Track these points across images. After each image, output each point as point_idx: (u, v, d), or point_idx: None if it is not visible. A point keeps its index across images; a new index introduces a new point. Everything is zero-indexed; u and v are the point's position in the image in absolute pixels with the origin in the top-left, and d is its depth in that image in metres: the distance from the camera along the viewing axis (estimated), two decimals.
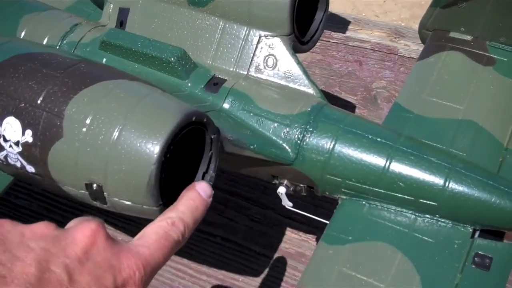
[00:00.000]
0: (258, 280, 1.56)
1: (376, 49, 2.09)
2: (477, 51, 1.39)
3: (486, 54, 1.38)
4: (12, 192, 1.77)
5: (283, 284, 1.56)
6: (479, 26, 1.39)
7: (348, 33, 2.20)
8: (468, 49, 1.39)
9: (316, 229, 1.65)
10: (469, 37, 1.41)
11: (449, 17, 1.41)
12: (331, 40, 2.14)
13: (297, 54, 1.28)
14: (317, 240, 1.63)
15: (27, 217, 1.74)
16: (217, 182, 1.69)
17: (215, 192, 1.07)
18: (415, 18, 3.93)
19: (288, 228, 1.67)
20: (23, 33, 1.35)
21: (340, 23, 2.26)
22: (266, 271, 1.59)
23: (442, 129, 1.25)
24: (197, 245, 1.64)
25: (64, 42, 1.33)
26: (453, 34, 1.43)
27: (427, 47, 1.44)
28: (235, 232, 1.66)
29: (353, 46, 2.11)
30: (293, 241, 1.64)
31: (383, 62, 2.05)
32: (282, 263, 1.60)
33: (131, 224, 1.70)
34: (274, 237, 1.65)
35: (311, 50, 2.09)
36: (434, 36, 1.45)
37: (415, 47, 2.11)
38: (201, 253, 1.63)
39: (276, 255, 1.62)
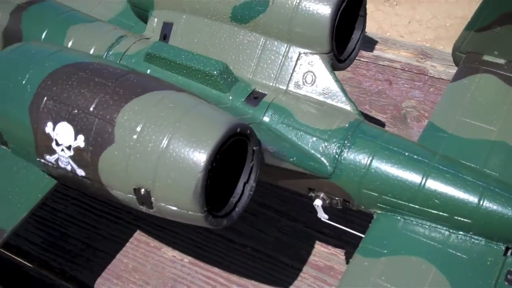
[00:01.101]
0: None
1: (406, 69, 2.13)
2: (510, 75, 1.41)
3: None
4: (49, 196, 1.82)
5: None
6: None
7: (375, 53, 2.24)
8: (501, 72, 1.42)
9: (345, 244, 1.68)
10: (502, 61, 1.44)
11: (483, 40, 1.44)
12: (362, 59, 2.18)
13: None
14: (346, 254, 1.66)
15: (62, 220, 1.79)
16: None
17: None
18: (439, 40, 3.96)
19: (317, 242, 1.70)
20: (70, 43, 1.41)
21: (368, 42, 2.30)
22: (295, 282, 1.62)
23: (475, 149, 1.27)
24: (228, 255, 1.68)
25: (110, 53, 1.39)
26: (486, 58, 1.46)
27: (460, 69, 1.47)
28: (265, 243, 1.70)
29: (383, 65, 2.15)
30: (322, 255, 1.67)
31: (413, 82, 2.08)
32: (311, 275, 1.63)
33: (163, 231, 1.74)
34: (303, 249, 1.68)
35: None
36: (467, 59, 1.48)
37: (441, 68, 2.15)
38: (232, 262, 1.66)
39: (305, 268, 1.64)
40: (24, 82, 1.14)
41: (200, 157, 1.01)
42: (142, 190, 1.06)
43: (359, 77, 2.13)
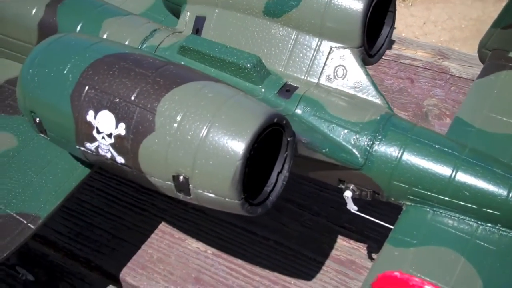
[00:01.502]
0: (310, 284, 1.62)
1: (428, 67, 2.15)
2: None
3: None
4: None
5: None
6: None
7: (395, 51, 2.26)
8: None
9: (366, 238, 1.70)
10: None
11: (509, 38, 1.47)
12: (383, 57, 2.19)
13: None
14: (368, 248, 1.69)
15: (88, 211, 1.82)
16: None
17: None
18: (454, 41, 3.98)
19: (339, 236, 1.73)
20: (105, 36, 1.44)
21: None
22: (317, 275, 1.64)
23: (503, 143, 1.30)
24: (251, 247, 1.71)
25: (145, 46, 1.42)
26: None
27: (486, 65, 1.50)
28: (288, 237, 1.72)
29: (405, 63, 2.18)
30: (344, 249, 1.70)
31: (435, 80, 2.10)
32: (333, 269, 1.65)
33: (187, 223, 1.77)
34: (325, 243, 1.71)
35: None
36: (493, 56, 1.51)
37: (459, 68, 2.17)
38: (255, 255, 1.69)
39: (327, 261, 1.67)
40: (65, 71, 1.17)
41: (239, 145, 1.03)
42: (181, 177, 1.08)
43: (381, 74, 2.15)
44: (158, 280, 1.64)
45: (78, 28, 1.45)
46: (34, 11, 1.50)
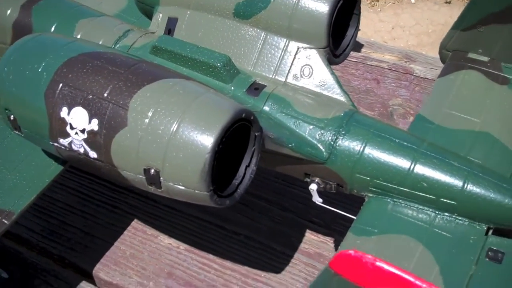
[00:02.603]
0: (279, 276, 1.67)
1: (393, 69, 2.23)
2: (493, 71, 1.51)
3: (501, 74, 1.50)
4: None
5: (302, 280, 1.66)
6: (496, 48, 1.51)
7: (363, 53, 2.33)
8: (485, 69, 1.52)
9: (334, 232, 1.76)
10: (486, 59, 1.54)
11: (468, 39, 1.54)
12: (351, 59, 2.27)
13: None
14: (335, 242, 1.75)
15: (61, 209, 1.85)
16: None
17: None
18: (422, 46, 4.07)
19: (307, 230, 1.78)
20: (79, 36, 1.48)
21: (354, 47, 2.39)
22: (286, 268, 1.70)
23: (460, 138, 1.37)
24: (222, 242, 1.76)
25: (118, 45, 1.46)
26: (471, 55, 1.55)
27: (447, 65, 1.57)
28: (258, 232, 1.78)
29: (371, 65, 2.25)
30: (312, 242, 1.75)
31: (400, 81, 2.18)
32: (301, 261, 1.71)
33: (159, 220, 1.81)
34: (294, 237, 1.77)
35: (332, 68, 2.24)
36: (454, 56, 1.58)
37: (423, 70, 2.24)
38: (226, 249, 1.74)
39: (296, 254, 1.72)
40: (40, 69, 1.21)
41: (207, 139, 1.08)
42: (152, 170, 1.13)
43: (348, 76, 2.22)
44: (131, 276, 1.68)
45: (53, 29, 1.49)
46: (9, 11, 1.53)
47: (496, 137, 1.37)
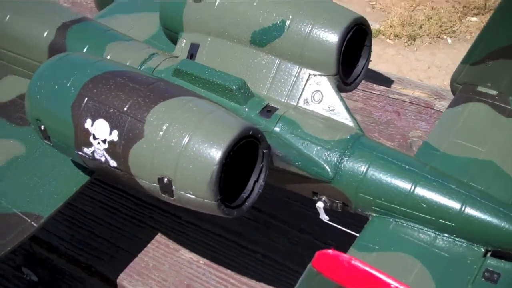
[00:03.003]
0: None
1: (414, 102, 2.29)
2: (501, 104, 1.56)
3: (509, 107, 1.55)
4: (78, 198, 2.01)
5: None
6: (504, 82, 1.57)
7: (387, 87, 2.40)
8: (492, 102, 1.57)
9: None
10: (494, 92, 1.59)
11: (477, 73, 1.60)
12: (373, 91, 2.34)
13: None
14: None
15: (90, 221, 1.96)
16: (261, 204, 1.90)
17: (259, 214, 1.22)
18: None
19: None
20: (108, 57, 1.60)
21: (384, 81, 2.47)
22: None
23: (464, 166, 1.42)
24: (240, 259, 1.83)
25: (143, 67, 1.57)
26: (480, 89, 1.60)
27: (456, 97, 1.63)
28: (274, 251, 1.84)
29: (393, 98, 2.31)
30: None
31: (420, 114, 2.24)
32: None
33: (182, 235, 1.90)
34: (310, 257, 1.81)
35: (354, 99, 2.31)
36: (463, 89, 1.63)
37: (445, 104, 2.28)
38: (244, 266, 1.81)
39: None
40: (68, 84, 1.32)
41: (215, 152, 1.17)
42: (165, 179, 1.22)
43: (370, 107, 2.29)
44: (152, 286, 1.77)
45: (85, 50, 1.61)
46: (46, 33, 1.67)
47: (499, 165, 1.42)
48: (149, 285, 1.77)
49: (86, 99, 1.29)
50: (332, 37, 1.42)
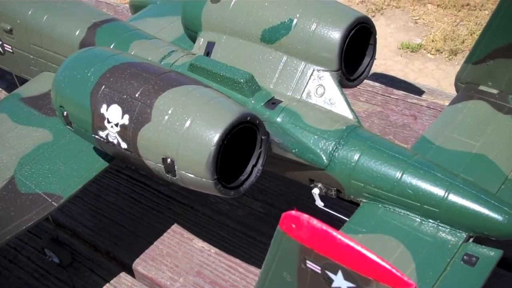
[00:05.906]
0: None
1: (431, 107, 2.35)
2: (500, 102, 1.62)
3: (507, 105, 1.61)
4: (104, 190, 2.15)
5: None
6: (504, 81, 1.63)
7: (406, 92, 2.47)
8: (492, 100, 1.63)
9: None
10: (495, 91, 1.65)
11: (479, 72, 1.66)
12: (392, 96, 2.42)
13: (357, 102, 1.57)
14: None
15: (113, 210, 2.09)
16: (274, 200, 1.98)
17: (272, 209, 1.27)
18: None
19: None
20: (132, 53, 1.74)
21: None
22: None
23: (456, 158, 1.49)
24: (249, 249, 1.92)
25: (162, 63, 1.71)
26: (482, 87, 1.67)
27: (458, 95, 1.70)
28: None
29: (411, 102, 2.38)
30: None
31: (436, 118, 2.29)
32: None
33: (196, 226, 2.00)
34: None
35: (374, 103, 2.39)
36: (466, 88, 1.70)
37: None
38: (252, 256, 1.90)
39: None
40: (89, 74, 1.46)
41: (213, 134, 1.28)
42: (169, 159, 1.34)
43: (388, 111, 2.36)
44: (164, 271, 1.87)
45: (111, 47, 1.76)
46: (77, 32, 1.82)
47: (491, 158, 1.48)
48: (161, 270, 1.88)
49: (103, 87, 1.42)
50: (335, 35, 1.52)
